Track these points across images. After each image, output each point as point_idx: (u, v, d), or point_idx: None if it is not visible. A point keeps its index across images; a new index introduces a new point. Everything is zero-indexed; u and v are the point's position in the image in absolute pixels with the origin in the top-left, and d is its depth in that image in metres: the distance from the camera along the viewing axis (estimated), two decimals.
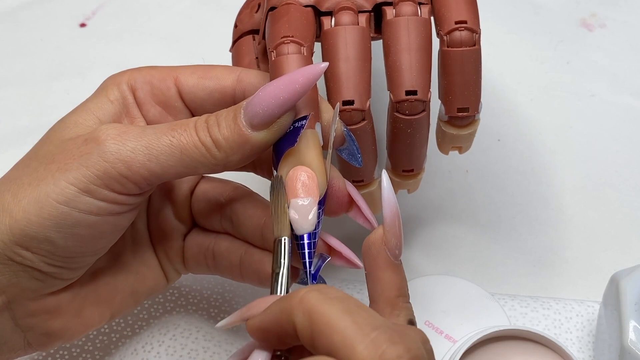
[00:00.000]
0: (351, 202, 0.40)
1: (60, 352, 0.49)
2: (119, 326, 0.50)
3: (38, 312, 0.39)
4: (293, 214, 0.37)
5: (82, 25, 0.69)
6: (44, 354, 0.48)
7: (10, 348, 0.40)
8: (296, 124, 0.37)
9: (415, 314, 0.48)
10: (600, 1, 0.69)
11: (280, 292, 0.36)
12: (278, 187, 0.37)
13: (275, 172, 0.38)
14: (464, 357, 0.44)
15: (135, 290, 0.44)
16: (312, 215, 0.37)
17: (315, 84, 0.37)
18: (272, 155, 0.38)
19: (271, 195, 0.38)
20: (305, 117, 0.37)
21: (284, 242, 0.37)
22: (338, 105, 0.39)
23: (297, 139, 0.36)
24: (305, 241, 0.37)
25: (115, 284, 0.43)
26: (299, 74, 0.36)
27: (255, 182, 0.45)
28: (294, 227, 0.37)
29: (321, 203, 0.37)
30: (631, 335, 0.43)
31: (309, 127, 0.37)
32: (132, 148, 0.36)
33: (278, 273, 0.37)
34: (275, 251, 0.37)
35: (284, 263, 0.37)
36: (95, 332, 0.50)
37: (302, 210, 0.37)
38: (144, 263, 0.44)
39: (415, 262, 0.55)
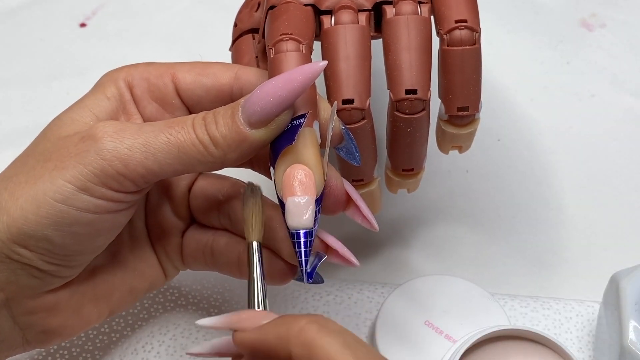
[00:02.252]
0: (349, 201, 0.40)
1: (60, 351, 0.49)
2: (119, 326, 0.50)
3: (36, 309, 0.39)
4: (289, 212, 0.37)
5: (82, 25, 0.69)
6: (44, 352, 0.48)
7: (8, 346, 0.40)
8: (294, 122, 0.37)
9: (415, 314, 0.49)
10: (600, 1, 0.69)
11: (256, 298, 0.37)
12: (253, 195, 0.39)
13: (272, 169, 0.37)
14: (464, 357, 0.44)
15: (133, 287, 0.44)
16: (309, 213, 0.37)
17: (314, 82, 0.37)
18: (269, 153, 0.38)
19: (244, 202, 0.39)
20: (303, 116, 0.37)
21: (255, 247, 0.38)
22: (335, 103, 0.39)
23: (295, 137, 0.36)
24: (302, 239, 0.37)
25: (114, 281, 0.43)
26: (298, 72, 0.36)
27: (253, 179, 0.44)
28: (290, 226, 0.37)
29: (318, 201, 0.37)
30: (631, 335, 0.43)
31: (307, 125, 0.37)
32: (129, 146, 0.36)
33: (252, 279, 0.38)
34: (248, 257, 0.38)
35: (256, 269, 0.38)
36: (95, 332, 0.49)
37: (299, 209, 0.36)
38: (142, 260, 0.44)
39: (415, 262, 0.55)
